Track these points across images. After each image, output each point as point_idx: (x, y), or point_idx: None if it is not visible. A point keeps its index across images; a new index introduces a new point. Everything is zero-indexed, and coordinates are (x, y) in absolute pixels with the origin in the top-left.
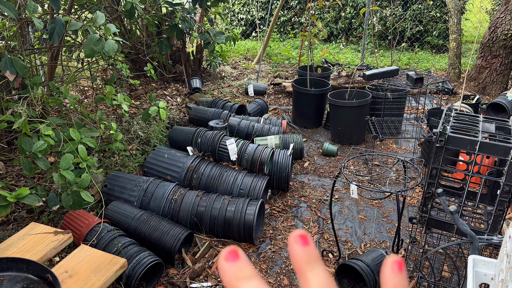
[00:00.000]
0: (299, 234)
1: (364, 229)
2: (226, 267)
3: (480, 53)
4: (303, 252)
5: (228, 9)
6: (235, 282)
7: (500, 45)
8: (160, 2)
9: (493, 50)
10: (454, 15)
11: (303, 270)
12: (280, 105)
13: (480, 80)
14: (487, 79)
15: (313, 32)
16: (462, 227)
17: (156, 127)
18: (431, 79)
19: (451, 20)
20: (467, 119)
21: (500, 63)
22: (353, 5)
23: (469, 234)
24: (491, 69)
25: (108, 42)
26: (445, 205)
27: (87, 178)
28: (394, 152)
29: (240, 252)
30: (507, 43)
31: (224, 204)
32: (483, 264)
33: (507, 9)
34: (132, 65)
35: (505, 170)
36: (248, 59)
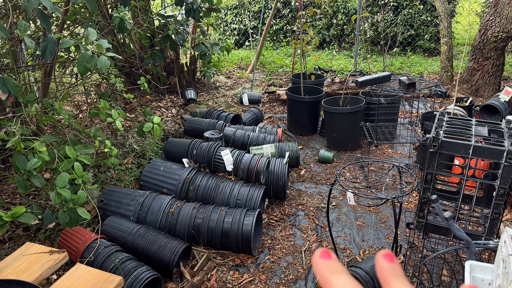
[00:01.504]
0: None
1: (362, 236)
2: (320, 262)
3: (471, 55)
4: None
5: (220, 19)
6: (328, 275)
7: (491, 47)
8: (152, 15)
9: (484, 52)
10: (444, 19)
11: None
12: (275, 113)
13: (473, 82)
14: (480, 81)
15: (306, 40)
16: (457, 233)
17: (151, 140)
18: (424, 83)
19: (441, 23)
20: (460, 123)
21: (492, 65)
22: (344, 12)
23: (465, 240)
24: (483, 71)
25: (100, 59)
26: (440, 211)
27: (83, 195)
28: (390, 157)
29: (332, 253)
30: (498, 45)
31: (221, 215)
32: (480, 269)
33: (496, 12)
34: (126, 78)
35: (499, 173)
36: (242, 68)
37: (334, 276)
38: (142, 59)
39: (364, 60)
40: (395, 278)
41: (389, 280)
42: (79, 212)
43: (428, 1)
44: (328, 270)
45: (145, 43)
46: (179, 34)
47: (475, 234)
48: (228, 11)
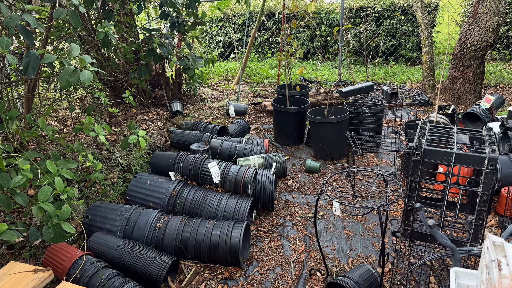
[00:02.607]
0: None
1: (350, 245)
2: None
3: (452, 64)
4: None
5: (205, 32)
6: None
7: (471, 56)
8: (137, 29)
9: (464, 61)
10: (425, 29)
11: None
12: (261, 124)
13: (455, 90)
14: (461, 89)
15: (290, 52)
16: (441, 240)
17: (137, 153)
18: (406, 93)
19: (422, 33)
20: (442, 131)
21: (472, 73)
22: (327, 23)
23: (449, 247)
24: (464, 79)
25: (83, 73)
26: (424, 219)
27: (68, 210)
28: (375, 165)
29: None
30: (477, 53)
31: (209, 228)
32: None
33: (475, 21)
34: (112, 92)
35: (482, 180)
36: (228, 80)
37: None
38: (127, 73)
39: (348, 70)
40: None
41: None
42: (64, 227)
43: (409, 12)
44: None
45: (130, 57)
46: (164, 47)
47: (460, 241)
48: (213, 23)
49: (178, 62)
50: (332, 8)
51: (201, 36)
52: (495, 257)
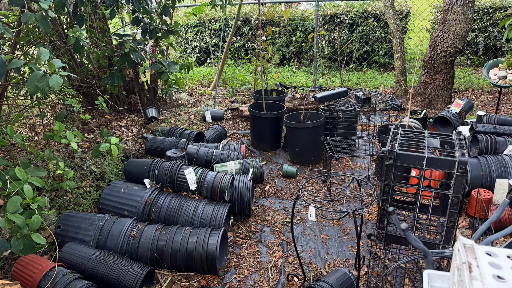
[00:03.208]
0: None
1: (327, 249)
2: None
3: (423, 69)
4: None
5: (181, 37)
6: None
7: (441, 61)
8: (110, 35)
9: (435, 67)
10: (397, 36)
11: None
12: (238, 129)
13: (426, 95)
14: (432, 94)
15: (266, 58)
16: (414, 243)
17: (111, 161)
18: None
19: (394, 40)
20: (414, 136)
21: (443, 78)
22: (302, 30)
23: (422, 250)
24: (435, 84)
25: (52, 78)
26: (397, 222)
27: (38, 220)
28: (350, 169)
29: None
30: (447, 59)
31: (185, 236)
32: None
33: (444, 28)
34: (84, 97)
35: (452, 183)
36: (205, 85)
37: None
38: (101, 79)
39: (323, 76)
40: None
41: None
42: (34, 238)
43: (382, 19)
44: None
45: (103, 62)
46: (136, 52)
47: (433, 243)
48: (189, 29)
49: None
50: (307, 14)
51: (177, 41)
52: (466, 259)
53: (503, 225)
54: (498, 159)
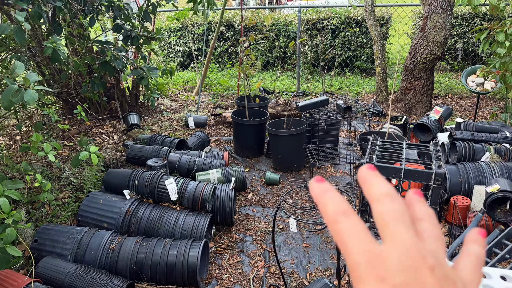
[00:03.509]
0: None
1: (309, 258)
2: (313, 186)
3: (404, 76)
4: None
5: (164, 42)
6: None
7: (421, 68)
8: (90, 42)
9: (415, 73)
10: (378, 42)
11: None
12: (221, 136)
13: (406, 101)
14: (413, 100)
15: (249, 64)
16: None
17: (90, 171)
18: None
19: (375, 46)
20: (392, 147)
21: (423, 85)
22: (285, 35)
23: None
24: (415, 90)
25: (27, 92)
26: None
27: (13, 233)
28: (333, 176)
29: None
30: (427, 66)
31: (166, 248)
32: None
33: (423, 35)
34: (64, 104)
35: (429, 194)
36: (188, 90)
37: (342, 219)
38: (81, 85)
39: (307, 81)
40: (372, 176)
41: (367, 178)
42: (8, 251)
43: (364, 24)
44: (335, 211)
45: (82, 70)
46: (117, 60)
47: None
48: (172, 33)
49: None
50: (290, 19)
51: (160, 45)
52: None
53: None
54: (475, 166)
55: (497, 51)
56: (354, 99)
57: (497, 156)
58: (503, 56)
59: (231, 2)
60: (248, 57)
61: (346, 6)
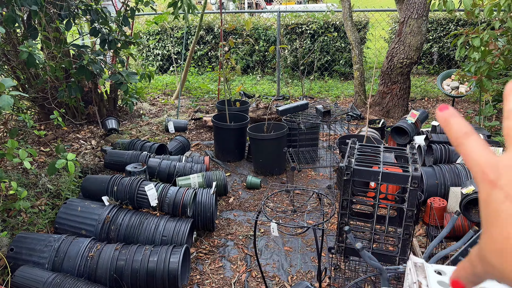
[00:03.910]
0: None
1: (290, 261)
2: (452, 121)
3: (381, 80)
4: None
5: (143, 45)
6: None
7: (397, 72)
8: (67, 46)
9: (392, 77)
10: (356, 47)
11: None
12: (202, 140)
13: (384, 105)
14: (390, 103)
15: (228, 68)
16: (369, 262)
17: (67, 177)
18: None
19: (353, 51)
20: (370, 150)
21: (400, 88)
22: (265, 39)
23: (377, 268)
24: (392, 94)
25: (2, 98)
26: (353, 241)
27: None
28: (313, 179)
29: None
30: (403, 70)
31: (146, 255)
32: None
33: (400, 40)
34: (41, 109)
35: (406, 197)
36: (167, 94)
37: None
38: (58, 90)
39: (287, 85)
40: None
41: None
42: None
43: (342, 29)
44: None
45: (59, 74)
46: (95, 64)
47: (390, 255)
48: (150, 36)
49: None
50: (269, 24)
51: (139, 48)
52: (416, 278)
53: (457, 232)
54: (451, 168)
55: (472, 56)
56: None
57: None
58: (478, 60)
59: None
60: (228, 61)
61: (325, 11)
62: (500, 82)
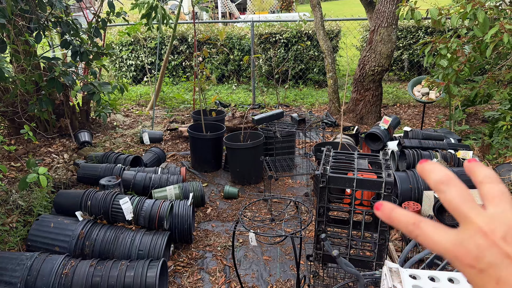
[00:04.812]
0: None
1: (269, 271)
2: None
3: (354, 87)
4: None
5: (116, 56)
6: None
7: (369, 79)
8: (37, 58)
9: (364, 84)
10: (328, 56)
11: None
12: (178, 150)
13: (357, 112)
14: (363, 110)
15: (203, 78)
16: (346, 268)
17: (39, 193)
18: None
19: (326, 60)
20: (344, 158)
21: (372, 95)
22: (240, 48)
23: (354, 274)
24: (365, 101)
25: None
26: (329, 248)
27: None
28: (290, 187)
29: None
30: (375, 77)
31: (122, 270)
32: None
33: (371, 48)
34: (10, 123)
35: None
36: (142, 105)
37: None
38: (28, 103)
39: (262, 94)
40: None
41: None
42: None
43: (314, 38)
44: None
45: (29, 88)
46: (67, 75)
47: (367, 260)
48: (123, 47)
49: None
50: (243, 33)
51: (111, 59)
52: (392, 283)
53: None
54: None
55: (440, 63)
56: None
57: (444, 162)
58: (445, 67)
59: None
60: (202, 71)
61: (297, 21)
62: (468, 87)
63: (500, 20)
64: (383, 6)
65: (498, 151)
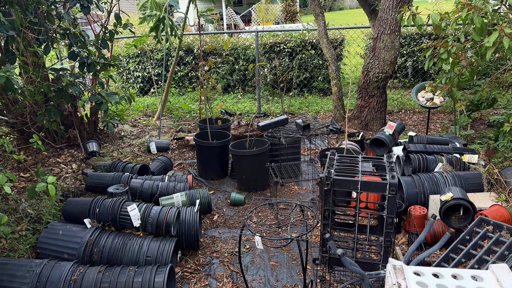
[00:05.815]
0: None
1: (276, 276)
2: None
3: (358, 94)
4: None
5: (123, 68)
6: None
7: (374, 86)
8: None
9: (369, 91)
10: (332, 63)
11: None
12: (185, 159)
13: (362, 118)
14: (368, 117)
15: (209, 87)
16: (351, 267)
17: (48, 201)
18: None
19: (330, 67)
20: (349, 161)
21: (377, 102)
22: (245, 58)
23: (358, 273)
24: (370, 107)
25: None
26: (334, 248)
27: None
28: (296, 193)
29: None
30: (379, 84)
31: (130, 276)
32: None
33: (374, 56)
34: (19, 135)
35: (386, 204)
36: (149, 115)
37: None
38: (36, 114)
39: (267, 102)
40: None
41: None
42: None
43: (318, 47)
44: None
45: (38, 99)
46: (74, 86)
47: (373, 263)
48: (130, 59)
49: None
50: (248, 44)
51: (118, 71)
52: (396, 280)
53: (437, 238)
54: (430, 176)
55: (443, 67)
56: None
57: (449, 166)
58: (448, 71)
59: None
60: (208, 80)
61: (301, 30)
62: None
63: (499, 23)
64: (385, 13)
65: (504, 154)
